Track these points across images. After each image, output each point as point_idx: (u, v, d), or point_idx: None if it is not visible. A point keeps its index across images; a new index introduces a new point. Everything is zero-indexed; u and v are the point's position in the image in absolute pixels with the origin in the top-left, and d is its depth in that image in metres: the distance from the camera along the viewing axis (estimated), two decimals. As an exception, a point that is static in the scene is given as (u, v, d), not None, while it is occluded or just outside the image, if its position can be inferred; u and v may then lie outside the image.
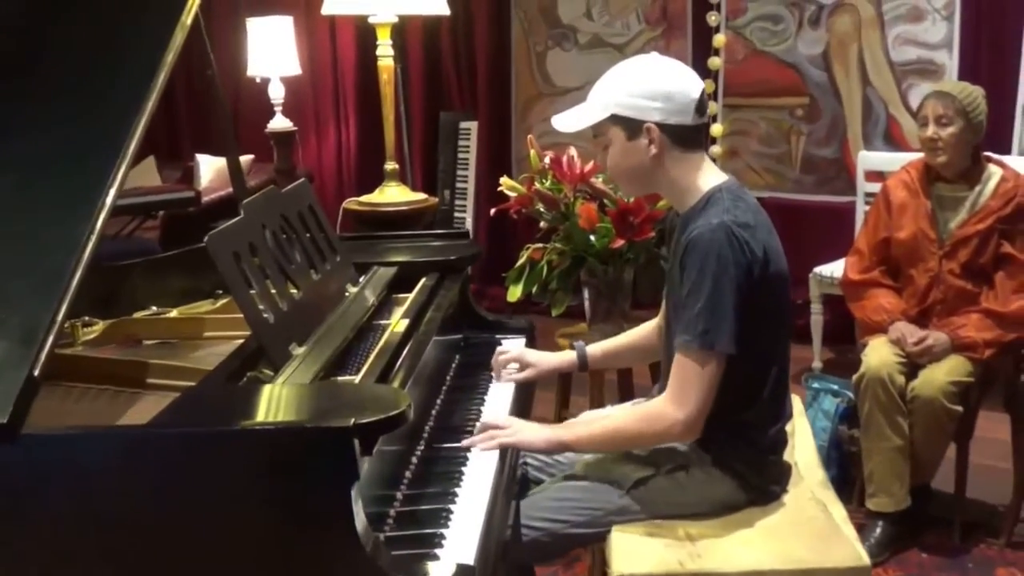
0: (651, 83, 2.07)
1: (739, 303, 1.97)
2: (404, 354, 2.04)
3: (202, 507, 1.51)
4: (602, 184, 3.01)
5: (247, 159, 5.38)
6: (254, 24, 5.13)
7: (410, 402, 1.60)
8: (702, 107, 2.11)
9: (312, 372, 1.86)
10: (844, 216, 4.66)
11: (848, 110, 4.90)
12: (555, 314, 3.01)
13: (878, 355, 3.03)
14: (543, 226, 3.10)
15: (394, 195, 3.69)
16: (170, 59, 1.99)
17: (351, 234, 3.04)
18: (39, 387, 1.53)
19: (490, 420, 2.12)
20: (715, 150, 4.82)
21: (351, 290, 2.38)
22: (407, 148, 5.42)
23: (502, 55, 5.64)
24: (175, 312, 2.47)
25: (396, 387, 1.85)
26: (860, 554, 2.02)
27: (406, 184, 3.93)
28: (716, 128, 4.88)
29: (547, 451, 2.20)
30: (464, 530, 1.74)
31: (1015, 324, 3.05)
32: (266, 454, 1.51)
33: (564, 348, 2.78)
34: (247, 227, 2.04)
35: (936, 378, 2.97)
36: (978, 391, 3.06)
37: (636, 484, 2.11)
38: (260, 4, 5.44)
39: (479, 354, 2.56)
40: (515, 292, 3.04)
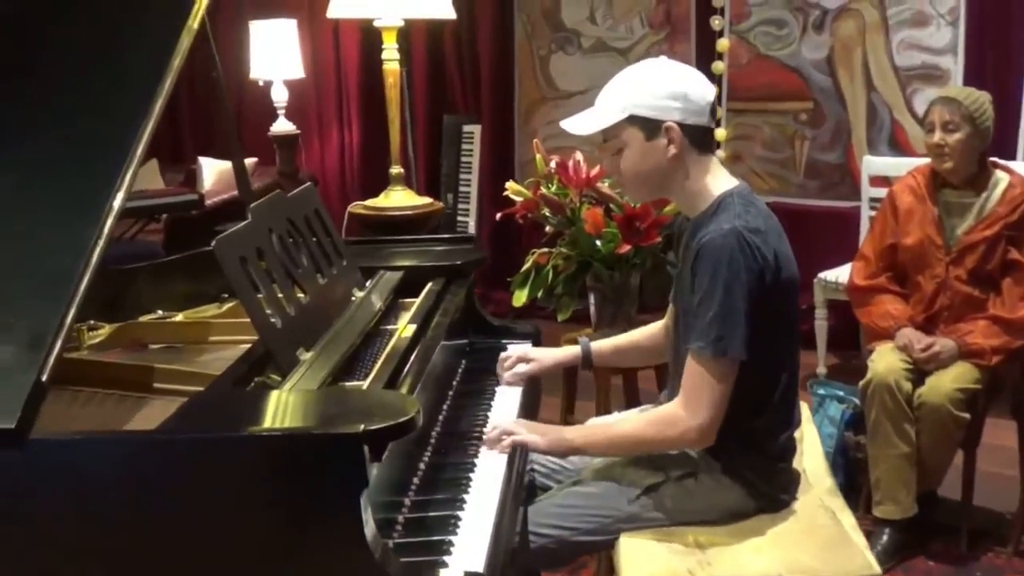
0: (669, 84, 2.06)
1: (751, 309, 1.96)
2: (412, 360, 2.03)
3: (210, 513, 1.50)
4: (608, 189, 3.00)
5: (250, 162, 5.35)
6: (257, 27, 5.12)
7: (419, 408, 1.59)
8: (714, 111, 2.11)
9: (320, 377, 1.85)
10: (848, 221, 4.65)
11: (852, 115, 4.89)
12: (561, 319, 3.01)
13: (885, 361, 3.02)
14: (549, 231, 3.10)
15: (399, 199, 3.68)
16: (177, 63, 1.97)
17: (357, 238, 3.03)
18: (47, 392, 1.52)
19: (498, 423, 2.11)
20: (719, 154, 4.81)
21: (357, 295, 2.37)
22: (411, 151, 5.41)
23: (505, 59, 5.64)
24: (181, 316, 2.46)
25: (405, 393, 1.84)
26: (870, 562, 2.01)
27: (411, 188, 3.92)
28: (720, 132, 4.86)
29: (556, 453, 2.19)
30: (472, 537, 1.73)
31: (1022, 331, 3.04)
32: (275, 460, 1.50)
33: (569, 350, 2.77)
34: (254, 231, 2.03)
35: (943, 385, 2.95)
36: (985, 398, 3.05)
37: (645, 491, 2.10)
38: (263, 7, 5.42)
39: (485, 359, 2.55)
40: (521, 297, 3.03)
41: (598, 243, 2.96)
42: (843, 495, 2.31)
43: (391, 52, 3.57)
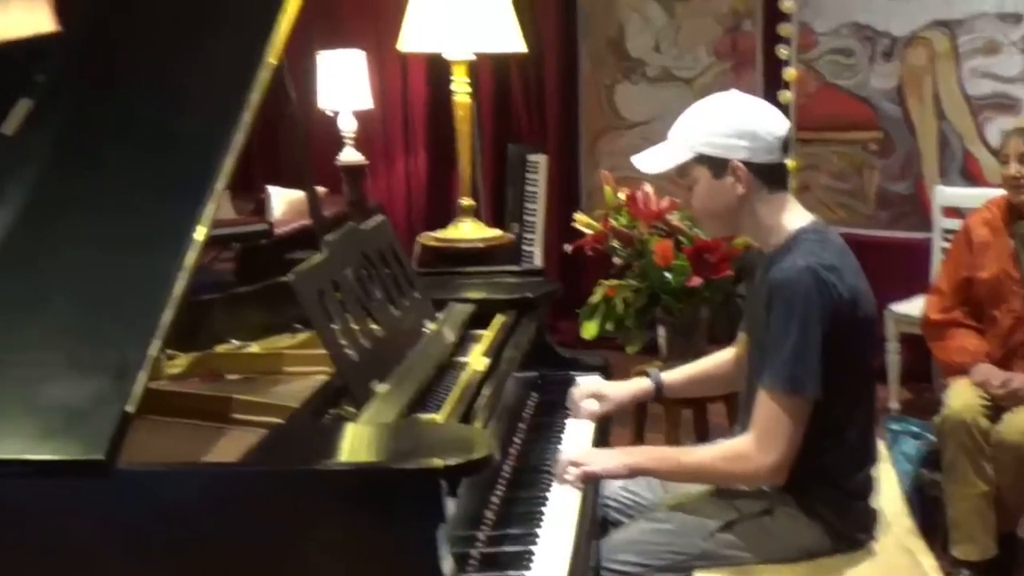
0: (736, 121, 2.06)
1: (826, 347, 1.95)
2: (485, 393, 2.04)
3: (289, 545, 1.51)
4: (678, 221, 3.00)
5: (318, 191, 5.43)
6: (325, 57, 5.19)
7: (495, 444, 1.60)
8: (786, 145, 2.10)
9: (395, 410, 1.87)
10: (919, 252, 4.58)
11: (923, 145, 4.83)
12: (630, 352, 3.00)
13: (961, 398, 2.96)
14: (617, 262, 3.10)
15: (469, 231, 3.71)
16: (256, 98, 2.01)
17: (427, 270, 3.05)
18: (132, 422, 1.55)
19: (567, 454, 2.11)
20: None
21: (429, 327, 2.38)
22: (478, 182, 5.45)
23: (570, 88, 5.66)
24: (255, 347, 2.49)
25: (480, 428, 1.85)
26: (950, 605, 1.97)
27: (479, 219, 3.96)
28: (788, 163, 4.83)
29: (624, 473, 2.16)
30: (546, 571, 1.73)
31: (1103, 367, 2.97)
32: (354, 493, 1.52)
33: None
34: (330, 265, 2.06)
35: (1022, 422, 2.89)
36: (1065, 435, 2.98)
37: (721, 527, 2.08)
38: (331, 37, 5.50)
39: (555, 392, 2.55)
40: (590, 329, 3.03)
41: (668, 275, 2.95)
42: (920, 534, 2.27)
43: (461, 85, 3.61)
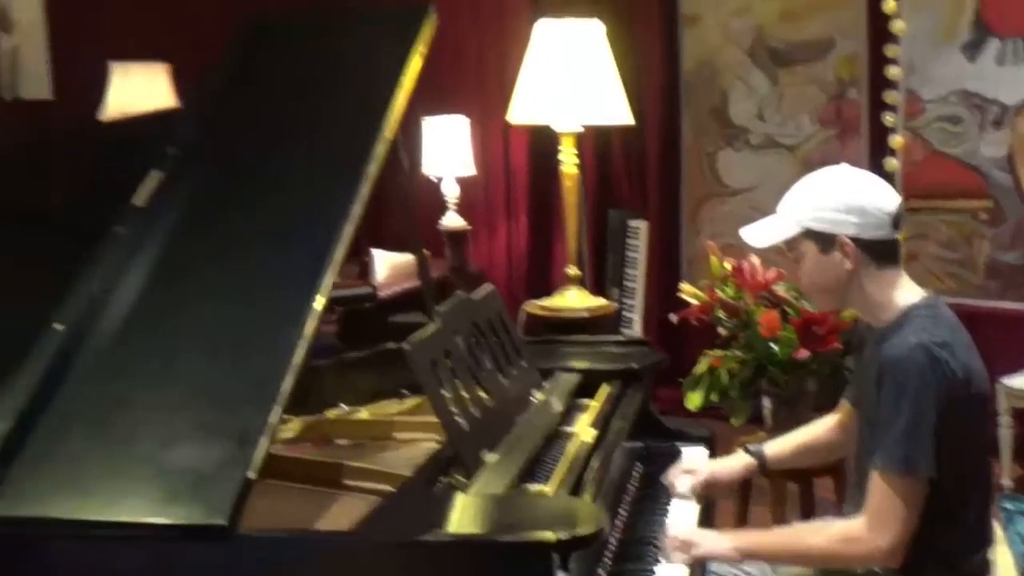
0: (845, 196, 2.05)
1: (939, 426, 1.92)
2: (593, 465, 2.05)
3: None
4: (784, 292, 2.98)
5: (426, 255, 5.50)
6: (430, 123, 5.30)
7: (606, 518, 1.61)
8: (897, 221, 2.08)
9: (505, 481, 1.89)
10: (1031, 324, 4.47)
11: (1034, 213, 4.73)
12: (735, 423, 2.97)
13: (1080, 476, 2.87)
14: (723, 333, 3.09)
15: (574, 300, 3.74)
16: (373, 170, 2.08)
17: (533, 338, 3.08)
18: (252, 487, 1.60)
19: (676, 534, 2.10)
20: (894, 254, 4.70)
21: (537, 396, 2.41)
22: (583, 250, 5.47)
23: (672, 155, 5.67)
24: (365, 413, 2.53)
25: (589, 501, 1.85)
26: None
27: (584, 287, 3.99)
28: (899, 238, 4.77)
29: (735, 558, 2.14)
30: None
31: None
32: (466, 566, 1.54)
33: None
34: (442, 335, 2.10)
35: None
36: None
37: (831, 608, 2.05)
38: (436, 104, 5.61)
39: (661, 463, 2.54)
40: (694, 400, 3.02)
41: (774, 347, 2.93)
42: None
43: (569, 156, 3.66)
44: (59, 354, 1.79)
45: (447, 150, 5.30)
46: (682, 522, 2.26)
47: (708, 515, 2.41)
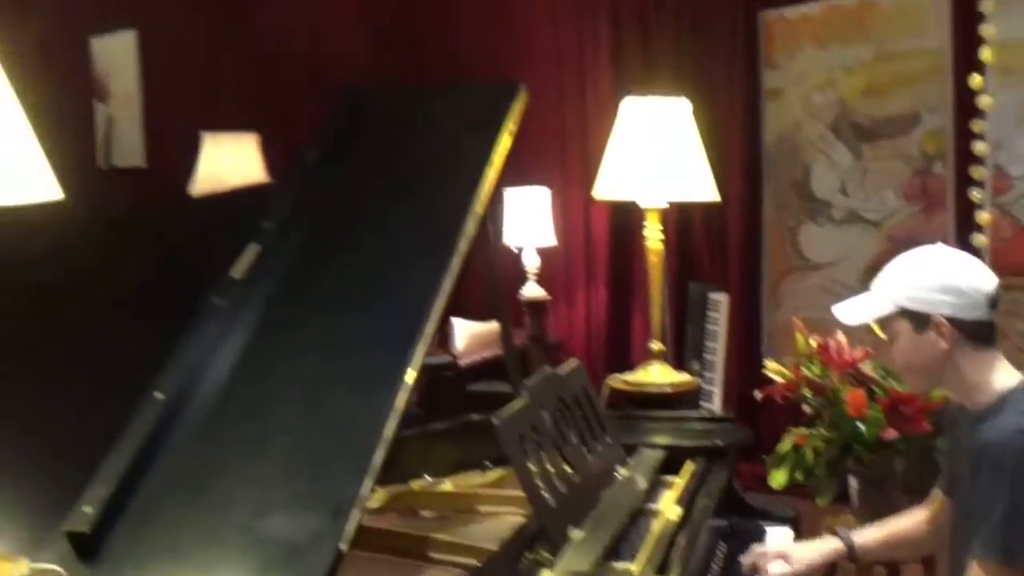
0: (941, 276, 2.04)
1: (1040, 512, 1.87)
2: (679, 544, 2.04)
3: None
4: (871, 371, 2.94)
5: (498, 325, 5.55)
6: (512, 194, 5.37)
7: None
8: (995, 302, 2.06)
9: (590, 558, 1.88)
10: None
11: None
12: (820, 503, 2.92)
13: None
14: (808, 410, 3.05)
15: (658, 375, 3.74)
16: (463, 246, 2.11)
17: (617, 412, 3.07)
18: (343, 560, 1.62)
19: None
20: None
21: (621, 472, 2.40)
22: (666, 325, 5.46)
23: (753, 228, 5.65)
24: (449, 484, 2.55)
25: (677, 582, 1.84)
26: None
27: (668, 363, 3.99)
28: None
29: None
30: None
31: None
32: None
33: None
34: (530, 410, 2.11)
35: None
36: None
37: None
38: (518, 175, 5.68)
39: (744, 542, 2.50)
40: (778, 478, 2.98)
41: (861, 426, 2.89)
42: None
43: (654, 232, 3.69)
44: (159, 421, 1.83)
45: (528, 221, 5.36)
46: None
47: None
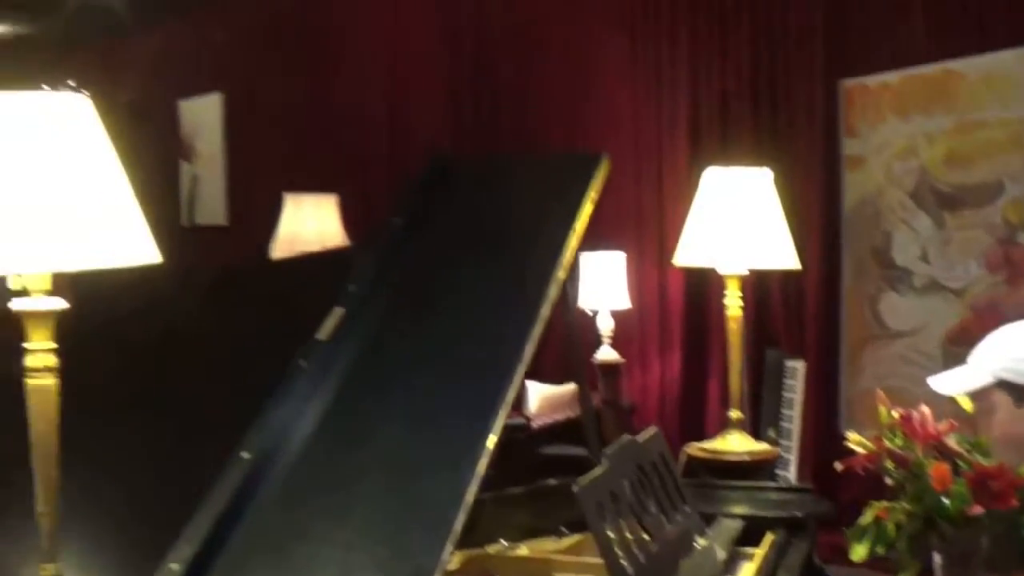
0: (1042, 349, 2.01)
1: None
2: (760, 619, 2.01)
3: None
4: (956, 445, 2.88)
5: (572, 388, 5.55)
6: (588, 258, 5.39)
7: None
8: (1097, 375, 2.02)
9: (670, 630, 1.86)
10: None
11: None
12: (902, 580, 2.85)
13: None
14: (889, 483, 2.98)
15: (736, 443, 3.71)
16: (547, 312, 2.13)
17: (694, 480, 3.05)
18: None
19: None
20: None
21: (699, 541, 2.37)
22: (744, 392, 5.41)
23: (832, 295, 5.60)
24: (525, 549, 2.54)
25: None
26: None
27: (745, 431, 3.96)
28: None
29: None
30: None
31: None
32: None
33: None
34: (609, 477, 2.11)
35: None
36: None
37: None
38: (593, 239, 5.70)
39: (825, 618, 2.47)
40: (859, 551, 2.90)
41: (945, 501, 2.81)
42: None
43: (734, 299, 3.68)
44: (245, 481, 1.86)
45: (604, 284, 5.37)
46: None
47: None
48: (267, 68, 8.10)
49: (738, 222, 3.62)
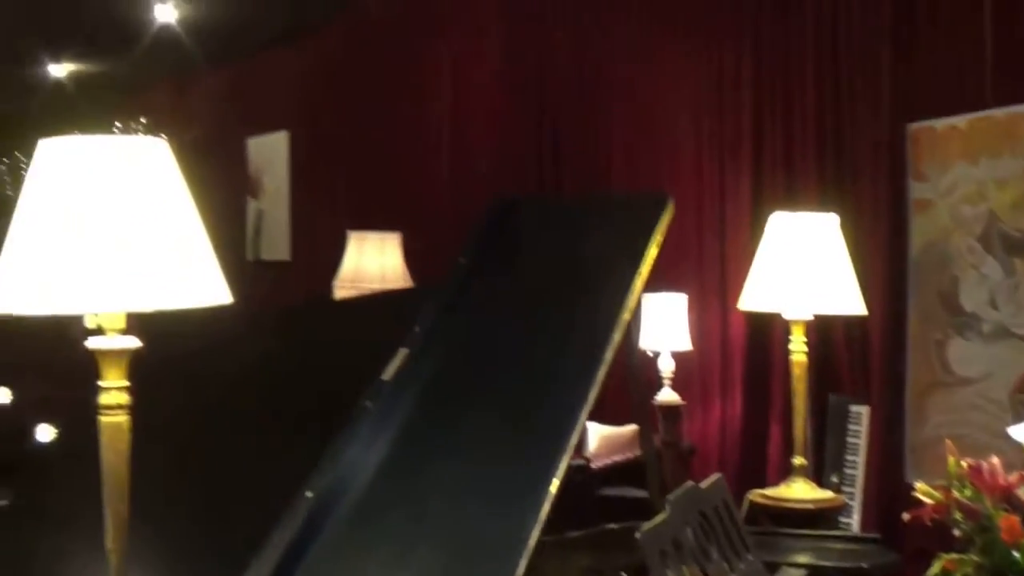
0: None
1: None
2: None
3: None
4: (1027, 497, 2.82)
5: (631, 429, 5.52)
6: (650, 299, 5.37)
7: None
8: None
9: None
10: None
11: None
12: (972, 633, 2.79)
13: None
14: (958, 534, 2.93)
15: (801, 491, 3.66)
16: (610, 356, 2.13)
17: (758, 528, 3.02)
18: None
19: None
20: None
21: (763, 591, 2.35)
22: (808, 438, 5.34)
23: (897, 341, 5.51)
24: (585, 594, 2.52)
25: None
26: None
27: (808, 477, 3.91)
28: None
29: None
30: None
31: None
32: None
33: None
34: (673, 524, 2.09)
35: None
36: None
37: None
38: (655, 280, 5.68)
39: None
40: (926, 604, 2.85)
41: (1015, 554, 2.75)
42: None
43: (799, 344, 3.65)
44: (308, 521, 1.87)
45: (665, 326, 5.35)
46: None
47: None
48: (333, 108, 8.23)
49: (804, 268, 3.60)
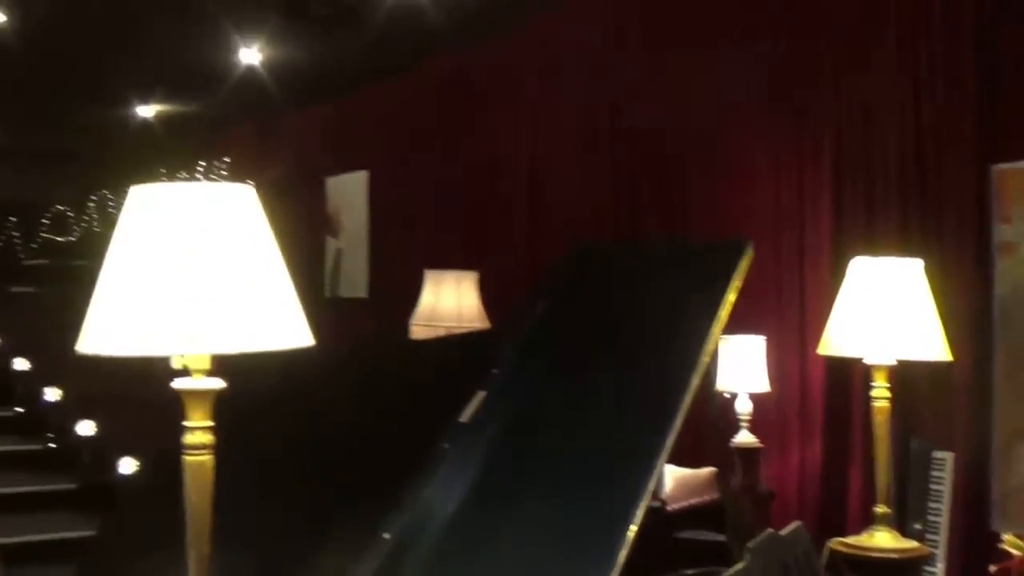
0: None
1: None
2: None
3: None
4: (1121, 551, 2.73)
5: (709, 471, 5.45)
6: (727, 341, 5.32)
7: None
8: None
9: None
10: None
11: None
12: None
13: None
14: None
15: (884, 540, 3.58)
16: (688, 401, 2.11)
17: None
18: None
19: None
20: None
21: (844, 644, 2.29)
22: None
23: (983, 386, 5.39)
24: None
25: None
26: None
27: (891, 526, 3.82)
28: None
29: None
30: None
31: None
32: None
33: None
34: (752, 573, 2.06)
35: None
36: None
37: None
38: (732, 323, 5.63)
39: None
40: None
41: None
42: None
43: (881, 391, 3.59)
44: (385, 563, 1.88)
45: (743, 368, 5.29)
46: None
47: None
48: (411, 148, 8.34)
49: (887, 313, 3.55)
